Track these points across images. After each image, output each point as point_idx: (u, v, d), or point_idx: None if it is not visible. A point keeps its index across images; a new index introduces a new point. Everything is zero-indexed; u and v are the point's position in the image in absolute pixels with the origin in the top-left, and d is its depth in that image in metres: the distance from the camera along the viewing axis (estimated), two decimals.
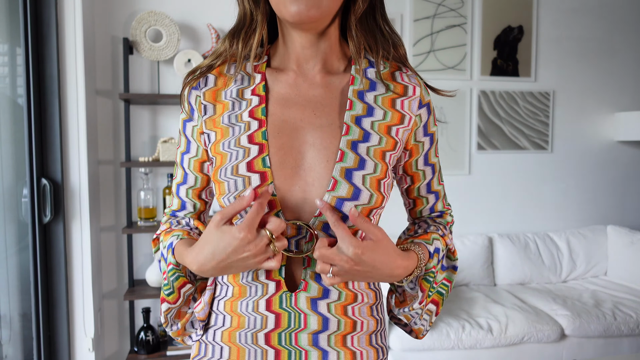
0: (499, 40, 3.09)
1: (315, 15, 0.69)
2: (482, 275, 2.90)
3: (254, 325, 0.73)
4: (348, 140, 0.72)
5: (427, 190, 0.86)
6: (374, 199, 0.71)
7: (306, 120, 0.75)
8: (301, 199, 0.71)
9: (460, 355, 2.33)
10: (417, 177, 0.84)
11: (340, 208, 0.70)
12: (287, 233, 0.72)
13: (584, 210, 3.30)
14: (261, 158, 0.71)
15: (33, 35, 1.96)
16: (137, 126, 2.42)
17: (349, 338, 0.75)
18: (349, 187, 0.70)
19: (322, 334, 0.73)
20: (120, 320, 2.46)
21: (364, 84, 0.77)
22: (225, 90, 0.77)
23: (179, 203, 0.84)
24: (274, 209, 0.71)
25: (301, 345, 0.73)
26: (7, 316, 2.04)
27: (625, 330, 2.45)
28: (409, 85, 0.79)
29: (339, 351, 0.74)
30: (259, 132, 0.73)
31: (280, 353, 0.73)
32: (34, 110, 1.96)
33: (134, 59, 2.37)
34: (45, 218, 2.02)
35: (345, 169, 0.71)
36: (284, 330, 0.73)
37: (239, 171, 0.71)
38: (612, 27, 3.25)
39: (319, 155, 0.72)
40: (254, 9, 0.75)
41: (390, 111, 0.76)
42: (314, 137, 0.73)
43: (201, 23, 2.43)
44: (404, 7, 2.95)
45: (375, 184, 0.71)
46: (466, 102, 3.07)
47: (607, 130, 3.30)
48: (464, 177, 3.11)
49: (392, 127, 0.76)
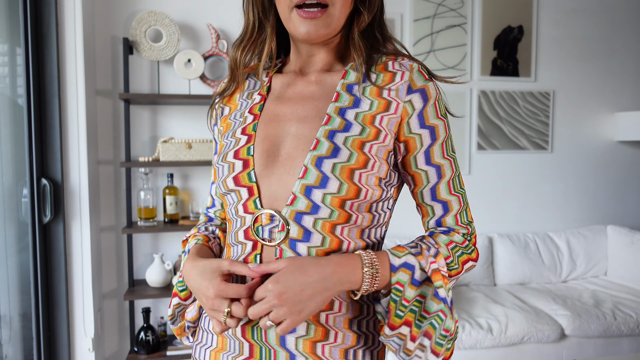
0: (499, 40, 3.09)
1: (324, 34, 0.74)
2: (482, 275, 2.90)
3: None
4: (326, 130, 0.73)
5: (431, 197, 0.78)
6: (344, 189, 0.69)
7: (294, 113, 0.77)
8: (278, 187, 0.73)
9: (460, 355, 2.33)
10: (419, 178, 0.77)
11: (310, 196, 0.70)
12: (262, 221, 0.73)
13: (584, 210, 3.30)
14: (247, 147, 0.76)
15: (33, 35, 1.96)
16: (137, 126, 2.42)
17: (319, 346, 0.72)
18: (318, 174, 0.70)
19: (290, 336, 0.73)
20: (120, 320, 2.46)
21: (356, 78, 0.77)
22: (239, 94, 0.86)
23: (211, 200, 0.94)
24: (252, 196, 0.74)
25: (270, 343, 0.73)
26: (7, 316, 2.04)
27: (625, 330, 2.45)
28: (398, 71, 0.76)
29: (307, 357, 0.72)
30: (250, 124, 0.79)
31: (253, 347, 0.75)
32: (34, 110, 1.96)
33: (134, 59, 2.37)
34: (45, 218, 2.02)
35: (317, 157, 0.71)
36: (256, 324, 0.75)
37: (227, 158, 0.77)
38: (612, 27, 3.25)
39: (297, 144, 0.74)
40: (263, 21, 0.79)
41: (376, 100, 0.74)
42: (297, 127, 0.76)
43: (201, 23, 2.43)
44: (404, 7, 2.95)
45: (347, 172, 0.69)
46: (466, 102, 3.07)
47: (607, 130, 3.30)
48: (464, 177, 3.11)
49: (376, 116, 0.73)
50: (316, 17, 0.72)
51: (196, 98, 2.28)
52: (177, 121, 2.45)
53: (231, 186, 0.75)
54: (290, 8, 0.72)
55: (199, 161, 2.28)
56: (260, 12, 0.78)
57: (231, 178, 0.75)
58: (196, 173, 2.49)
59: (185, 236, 0.90)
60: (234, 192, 0.76)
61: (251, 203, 0.74)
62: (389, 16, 2.93)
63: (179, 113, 2.46)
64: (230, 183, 0.75)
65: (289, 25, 0.74)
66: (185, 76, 2.32)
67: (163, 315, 2.46)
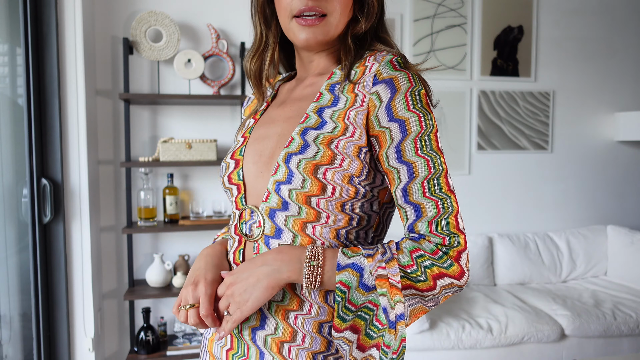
0: (499, 40, 3.09)
1: (322, 41, 0.76)
2: (482, 275, 2.90)
3: None
4: (301, 128, 0.73)
5: (403, 198, 0.70)
6: (307, 184, 0.69)
7: (283, 114, 0.81)
8: (261, 184, 0.76)
9: (460, 355, 2.33)
10: (391, 177, 0.71)
11: (278, 192, 0.72)
12: (245, 217, 0.78)
13: (584, 210, 3.30)
14: (240, 148, 0.82)
15: (33, 35, 1.96)
16: (137, 126, 2.42)
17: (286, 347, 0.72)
18: (285, 170, 0.71)
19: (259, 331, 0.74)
20: (120, 320, 2.46)
21: (340, 77, 0.76)
22: (257, 104, 0.90)
23: None
24: (239, 193, 0.79)
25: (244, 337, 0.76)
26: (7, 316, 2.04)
27: (625, 330, 2.45)
28: (369, 64, 0.73)
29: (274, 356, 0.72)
30: (249, 128, 0.85)
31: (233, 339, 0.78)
32: (34, 110, 1.96)
33: (134, 59, 2.37)
34: (45, 218, 2.02)
35: (287, 153, 0.71)
36: None
37: (226, 159, 0.83)
38: (612, 27, 3.25)
39: (278, 143, 0.76)
40: (265, 32, 0.82)
41: (350, 96, 0.73)
42: (282, 127, 0.78)
43: (201, 23, 2.43)
44: (404, 7, 2.95)
45: (310, 168, 0.69)
46: (466, 102, 3.07)
47: (607, 130, 3.30)
48: (464, 177, 3.11)
49: (348, 112, 0.72)
50: (314, 24, 0.74)
51: (196, 98, 2.28)
52: (177, 121, 2.45)
53: (227, 184, 0.81)
54: (290, 18, 0.75)
55: (199, 161, 2.28)
56: (263, 24, 0.82)
57: (226, 177, 0.81)
58: (196, 173, 2.49)
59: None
60: (228, 190, 0.81)
61: (239, 200, 0.79)
62: (389, 16, 2.93)
63: (179, 113, 2.46)
64: (226, 181, 0.82)
65: (289, 34, 0.77)
66: (185, 76, 2.31)
67: (163, 315, 2.46)
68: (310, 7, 0.73)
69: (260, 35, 0.83)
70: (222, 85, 2.40)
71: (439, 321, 2.37)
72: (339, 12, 0.74)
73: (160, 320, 2.41)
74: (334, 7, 0.74)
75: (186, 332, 2.39)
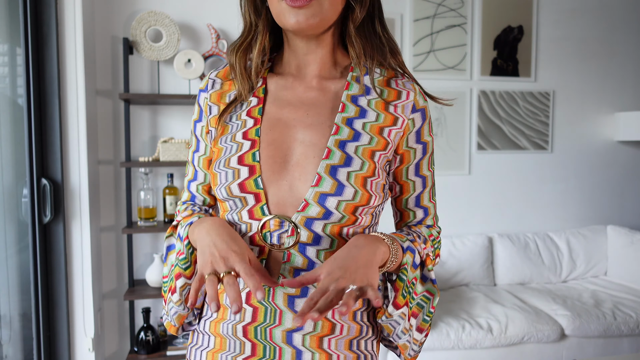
0: (499, 40, 3.09)
1: (314, 24, 0.73)
2: (482, 275, 2.90)
3: (233, 317, 0.76)
4: (336, 140, 0.75)
5: (415, 203, 0.85)
6: (358, 196, 0.72)
7: (298, 119, 0.78)
8: (287, 193, 0.74)
9: (460, 355, 2.33)
10: (407, 187, 0.84)
11: (324, 203, 0.72)
12: (269, 227, 0.74)
13: (583, 210, 3.30)
14: (252, 152, 0.75)
15: (33, 35, 1.96)
16: (137, 126, 2.42)
17: (326, 340, 0.74)
18: (333, 182, 0.72)
19: (297, 333, 0.73)
20: (120, 320, 2.46)
21: (359, 89, 0.79)
22: (229, 92, 0.83)
23: (189, 196, 0.90)
24: (259, 202, 0.74)
25: (275, 342, 0.74)
26: (7, 316, 2.04)
27: (625, 330, 2.45)
28: (403, 90, 0.81)
29: (314, 352, 0.74)
30: (252, 129, 0.78)
31: (256, 346, 0.74)
32: (34, 110, 1.96)
33: (134, 59, 2.37)
34: (45, 218, 2.02)
35: (330, 165, 0.73)
36: (259, 324, 0.74)
37: (230, 164, 0.76)
38: (612, 27, 3.25)
39: (306, 152, 0.75)
40: (255, 19, 0.79)
41: (383, 113, 0.78)
42: (303, 134, 0.77)
43: (201, 23, 2.43)
44: (404, 7, 2.95)
45: (360, 181, 0.73)
46: (466, 102, 3.07)
47: (607, 130, 3.30)
48: (464, 177, 3.11)
49: (384, 128, 0.78)
50: (304, 5, 0.71)
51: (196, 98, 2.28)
52: (177, 121, 2.45)
53: (236, 192, 0.75)
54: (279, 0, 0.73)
55: None
56: (253, 12, 0.79)
57: (236, 185, 0.74)
58: None
59: (177, 220, 0.85)
60: (239, 199, 0.75)
61: (258, 209, 0.74)
62: (389, 16, 2.93)
63: (179, 113, 2.46)
64: (235, 189, 0.75)
65: (280, 19, 0.74)
66: (185, 76, 2.32)
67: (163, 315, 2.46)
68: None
69: (250, 25, 0.80)
70: None
71: (439, 321, 2.37)
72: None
73: (160, 320, 2.41)
74: None
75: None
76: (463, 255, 2.86)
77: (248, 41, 0.80)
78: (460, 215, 3.13)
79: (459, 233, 3.06)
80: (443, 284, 2.85)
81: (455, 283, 2.87)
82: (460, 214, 3.13)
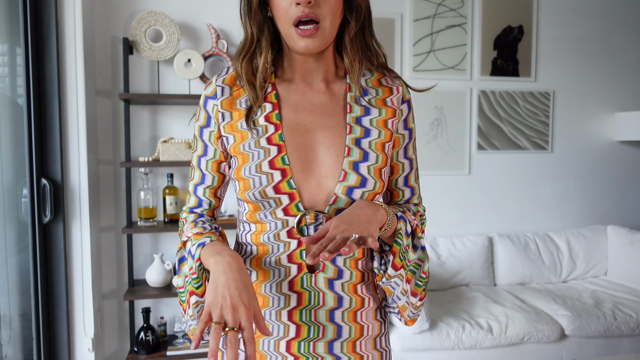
0: (499, 40, 3.09)
1: (320, 46, 0.84)
2: (482, 275, 2.90)
3: (277, 304, 0.85)
4: (352, 138, 0.87)
5: (404, 183, 0.97)
6: (377, 186, 0.86)
7: (315, 122, 0.88)
8: (316, 190, 0.85)
9: (460, 356, 2.33)
10: (397, 168, 0.95)
11: (350, 195, 0.84)
12: (305, 221, 0.84)
13: (584, 210, 3.30)
14: (281, 157, 0.84)
15: (33, 35, 1.96)
16: (137, 126, 2.42)
17: (359, 314, 0.87)
18: (357, 177, 0.84)
19: (337, 311, 0.85)
20: (120, 320, 2.46)
21: (358, 91, 0.90)
22: (239, 98, 0.89)
23: (196, 201, 0.94)
24: (293, 201, 0.83)
25: (319, 321, 0.85)
26: (7, 316, 2.04)
27: (625, 330, 2.45)
28: (392, 86, 0.94)
29: (351, 326, 0.86)
30: (276, 134, 0.86)
31: (300, 328, 0.84)
32: (34, 110, 1.96)
33: (134, 59, 2.37)
34: (45, 218, 2.02)
35: (352, 162, 0.85)
36: (305, 307, 0.84)
37: (262, 169, 0.83)
38: (612, 27, 3.25)
39: (328, 152, 0.86)
40: (258, 34, 0.86)
41: (383, 108, 0.91)
42: (323, 136, 0.87)
43: (201, 23, 2.43)
44: (404, 7, 2.95)
45: (377, 172, 0.86)
46: (466, 102, 3.07)
47: (607, 130, 3.30)
48: (464, 177, 3.11)
49: (387, 121, 0.90)
50: (312, 35, 0.81)
51: (196, 98, 2.28)
52: (177, 121, 2.45)
53: (271, 194, 0.83)
54: (290, 25, 0.82)
55: None
56: (257, 28, 0.86)
57: (271, 187, 0.83)
58: None
59: (186, 235, 0.89)
60: (273, 200, 0.84)
61: (293, 207, 0.84)
62: (389, 16, 2.93)
63: (179, 113, 2.46)
64: (270, 192, 0.83)
65: (289, 40, 0.84)
66: (185, 76, 2.31)
67: (163, 315, 2.46)
68: (307, 14, 0.80)
69: (252, 37, 0.87)
70: None
71: (439, 321, 2.37)
72: (331, 16, 0.82)
73: (160, 320, 2.41)
74: (326, 12, 0.82)
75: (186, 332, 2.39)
76: (463, 255, 2.86)
77: (252, 51, 0.87)
78: (460, 215, 3.13)
79: (459, 233, 3.05)
80: (443, 284, 2.85)
81: (455, 283, 2.87)
82: (460, 214, 3.13)
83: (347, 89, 0.91)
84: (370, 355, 0.89)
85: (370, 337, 0.89)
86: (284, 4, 0.81)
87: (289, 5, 0.81)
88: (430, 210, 3.15)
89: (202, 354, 2.27)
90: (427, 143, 3.03)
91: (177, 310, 2.48)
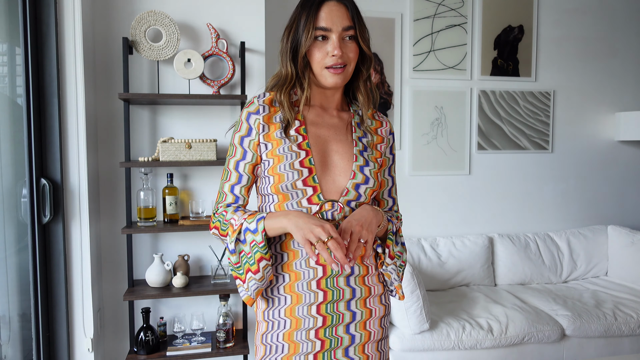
0: (499, 40, 3.09)
1: (343, 83, 1.16)
2: (482, 275, 2.90)
3: (309, 300, 1.11)
4: (357, 150, 1.20)
5: (388, 194, 1.32)
6: (376, 184, 1.18)
7: (331, 136, 1.20)
8: (332, 185, 1.14)
9: (460, 356, 2.32)
10: (384, 183, 1.29)
11: (357, 190, 1.15)
12: (325, 208, 1.12)
13: (584, 210, 3.30)
14: (308, 159, 1.13)
15: (33, 35, 1.96)
16: (137, 126, 2.42)
17: (368, 300, 1.16)
18: (362, 176, 1.16)
19: (352, 300, 1.14)
20: (120, 320, 2.46)
21: (359, 119, 1.25)
22: (275, 115, 1.17)
23: (233, 198, 1.19)
24: (316, 192, 1.12)
25: (340, 311, 1.13)
26: (7, 316, 2.03)
27: (625, 330, 2.45)
28: (382, 120, 1.30)
29: (362, 311, 1.15)
30: (304, 142, 1.15)
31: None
32: (33, 110, 1.96)
33: (133, 59, 2.37)
34: (45, 218, 2.01)
35: (359, 166, 1.17)
36: (328, 302, 1.11)
37: (294, 166, 1.11)
38: (612, 27, 3.25)
39: (341, 158, 1.18)
40: (301, 76, 1.15)
41: (375, 135, 1.25)
42: (337, 146, 1.19)
43: (201, 23, 2.43)
44: (404, 7, 2.95)
45: (375, 175, 1.19)
46: (466, 102, 3.06)
47: (607, 130, 3.30)
48: (464, 177, 3.11)
49: (377, 144, 1.25)
50: (339, 73, 1.13)
51: (196, 98, 2.27)
52: (177, 121, 2.45)
53: (300, 186, 1.11)
54: (322, 68, 1.13)
55: (199, 161, 2.28)
56: (300, 69, 1.14)
57: (301, 181, 1.11)
58: (196, 173, 2.49)
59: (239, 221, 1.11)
60: (300, 190, 1.11)
61: (315, 197, 1.12)
62: (389, 16, 2.93)
63: (179, 113, 2.46)
64: (299, 184, 1.11)
65: (320, 78, 1.15)
66: (185, 76, 2.31)
67: (163, 316, 2.45)
68: (340, 62, 1.12)
69: (292, 75, 1.15)
70: (222, 85, 2.40)
71: (439, 321, 2.37)
72: (353, 62, 1.15)
73: (160, 321, 2.41)
74: (351, 58, 1.14)
75: (186, 332, 2.39)
76: (463, 256, 2.86)
77: (291, 85, 1.16)
78: (461, 215, 3.12)
79: (459, 233, 3.05)
80: (443, 284, 2.85)
81: (455, 283, 2.86)
82: (460, 214, 3.12)
83: (351, 116, 1.25)
84: (375, 332, 1.18)
85: (377, 318, 1.18)
86: (320, 55, 1.12)
87: (325, 56, 1.12)
88: (431, 210, 3.15)
89: (202, 354, 2.27)
90: (427, 143, 3.02)
91: (177, 311, 2.47)
